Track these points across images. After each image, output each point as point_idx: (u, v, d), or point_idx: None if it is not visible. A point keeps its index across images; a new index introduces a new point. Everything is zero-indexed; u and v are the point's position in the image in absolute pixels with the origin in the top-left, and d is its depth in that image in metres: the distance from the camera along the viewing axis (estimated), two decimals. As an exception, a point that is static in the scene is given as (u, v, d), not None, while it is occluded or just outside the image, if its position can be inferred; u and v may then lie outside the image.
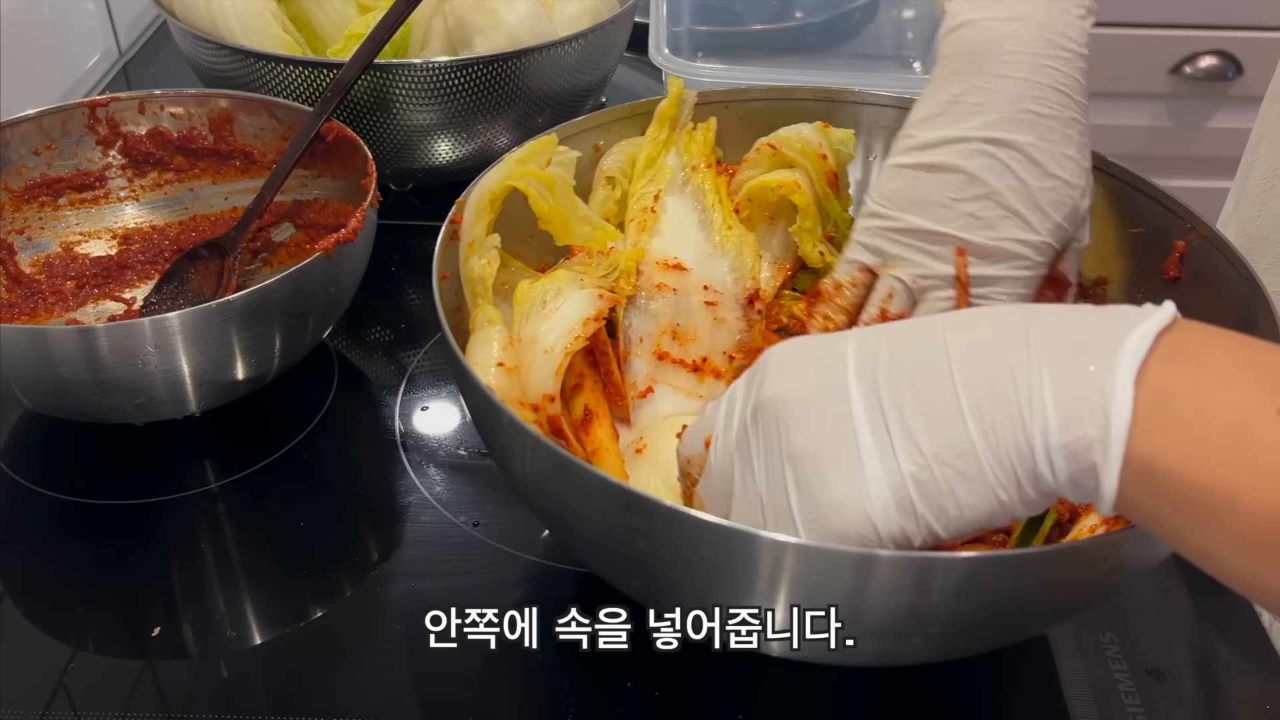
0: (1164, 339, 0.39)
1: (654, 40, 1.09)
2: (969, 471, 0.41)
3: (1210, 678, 0.63)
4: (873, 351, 0.44)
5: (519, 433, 0.52)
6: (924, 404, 0.42)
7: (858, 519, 0.43)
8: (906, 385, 0.42)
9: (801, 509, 0.44)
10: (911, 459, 0.42)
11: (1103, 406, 0.38)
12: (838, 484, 0.43)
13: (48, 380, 0.66)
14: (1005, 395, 0.40)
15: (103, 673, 0.61)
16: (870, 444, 0.42)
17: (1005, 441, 0.40)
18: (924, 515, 0.42)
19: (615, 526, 0.51)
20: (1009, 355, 0.40)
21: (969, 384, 0.41)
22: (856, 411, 0.43)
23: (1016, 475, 0.40)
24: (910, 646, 0.51)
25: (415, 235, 0.98)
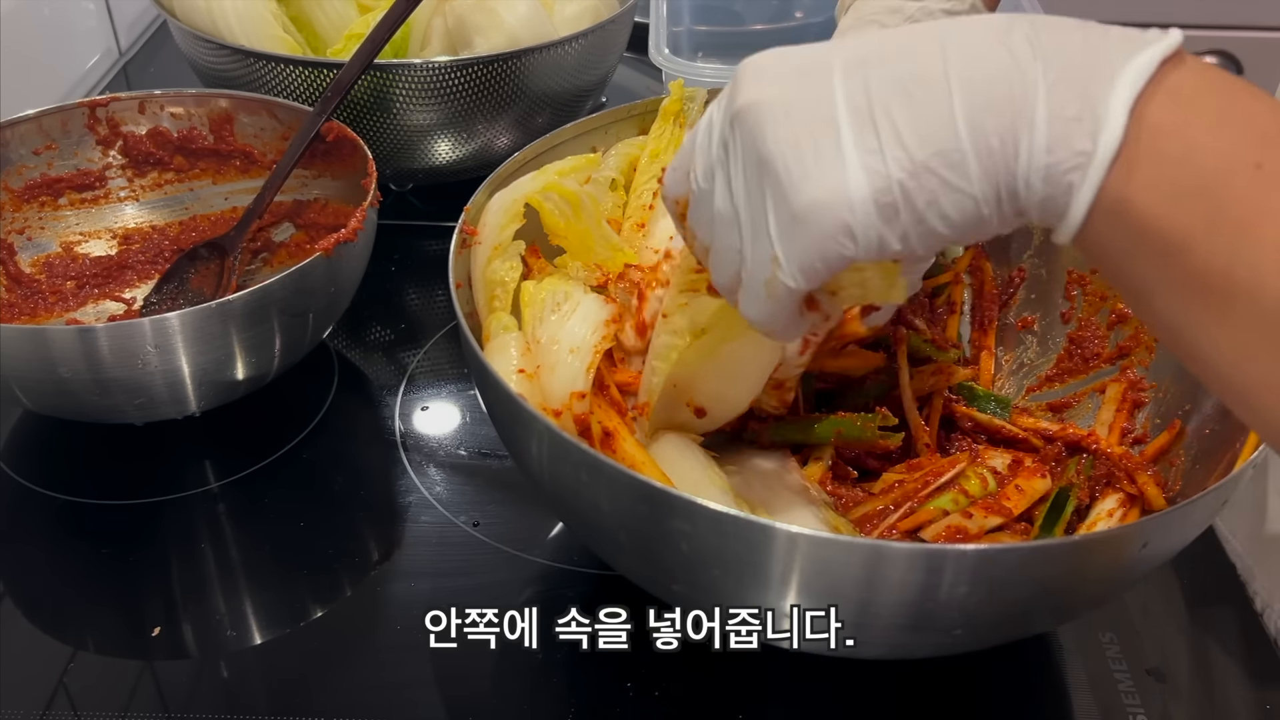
0: (1165, 70, 0.38)
1: (654, 40, 1.09)
2: (956, 183, 0.39)
3: (1210, 678, 0.63)
4: (862, 59, 0.41)
5: (541, 429, 0.52)
6: (917, 109, 0.39)
7: (835, 223, 0.40)
8: (899, 89, 0.40)
9: (777, 214, 0.42)
10: (899, 164, 0.39)
11: (1093, 132, 0.37)
12: (817, 184, 0.40)
13: (48, 380, 0.66)
14: (1001, 108, 0.38)
15: (103, 673, 0.61)
16: (853, 143, 0.40)
17: (995, 155, 0.39)
18: (905, 224, 0.40)
19: (646, 524, 0.51)
20: (1010, 67, 0.39)
21: (967, 94, 0.39)
22: (840, 111, 0.40)
23: (999, 190, 0.39)
24: (922, 638, 0.51)
25: (415, 235, 0.98)
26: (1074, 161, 0.38)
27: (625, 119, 0.75)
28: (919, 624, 0.49)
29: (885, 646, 0.53)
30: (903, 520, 0.59)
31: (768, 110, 0.42)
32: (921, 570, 0.46)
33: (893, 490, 0.61)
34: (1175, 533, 0.51)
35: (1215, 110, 0.37)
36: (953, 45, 0.40)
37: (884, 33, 0.43)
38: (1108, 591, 0.57)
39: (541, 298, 0.63)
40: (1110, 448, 0.63)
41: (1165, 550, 0.53)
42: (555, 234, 0.67)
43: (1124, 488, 0.61)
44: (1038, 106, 0.38)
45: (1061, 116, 0.37)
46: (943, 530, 0.58)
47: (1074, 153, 0.37)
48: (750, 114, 0.42)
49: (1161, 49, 0.38)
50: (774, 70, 0.43)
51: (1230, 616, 0.66)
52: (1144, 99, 0.37)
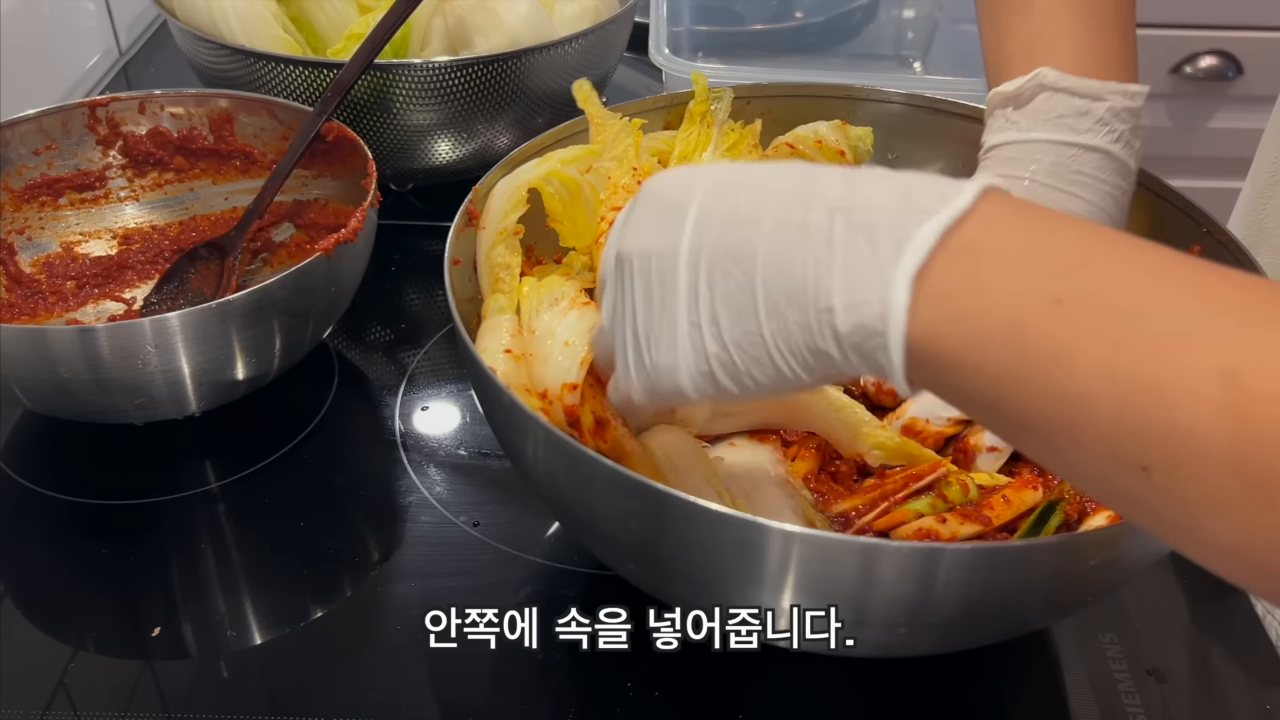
0: (957, 230, 0.39)
1: (654, 40, 1.09)
2: (762, 359, 0.43)
3: (1210, 678, 0.63)
4: (708, 215, 0.45)
5: (528, 419, 0.52)
6: (730, 291, 0.44)
7: (672, 385, 0.47)
8: (722, 267, 0.44)
9: (636, 368, 0.48)
10: (714, 340, 0.44)
11: (881, 313, 0.39)
12: (659, 354, 0.47)
13: (48, 380, 0.66)
14: (799, 296, 0.41)
15: (103, 673, 0.61)
16: (684, 320, 0.45)
17: (796, 338, 0.42)
18: (725, 384, 0.45)
19: (619, 513, 0.52)
20: (810, 253, 0.41)
21: (769, 280, 0.42)
22: (681, 284, 0.45)
23: (807, 361, 0.42)
24: (911, 637, 0.51)
25: (415, 235, 0.98)
26: (873, 341, 0.40)
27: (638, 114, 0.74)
28: (913, 622, 0.50)
29: (879, 645, 0.53)
30: (877, 519, 0.59)
31: (639, 264, 0.47)
32: (914, 568, 0.47)
33: (872, 490, 0.62)
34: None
35: (1010, 254, 0.38)
36: (772, 218, 0.43)
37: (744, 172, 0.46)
38: (1103, 588, 0.57)
39: (541, 293, 0.64)
40: None
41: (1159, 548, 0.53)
42: (554, 218, 0.68)
43: None
44: (833, 293, 0.40)
45: (852, 299, 0.40)
46: (911, 533, 0.58)
47: (869, 333, 0.40)
48: (627, 262, 0.48)
49: (951, 213, 0.39)
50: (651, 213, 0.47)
51: (1230, 616, 0.66)
52: (935, 262, 0.38)
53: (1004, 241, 0.38)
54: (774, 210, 0.43)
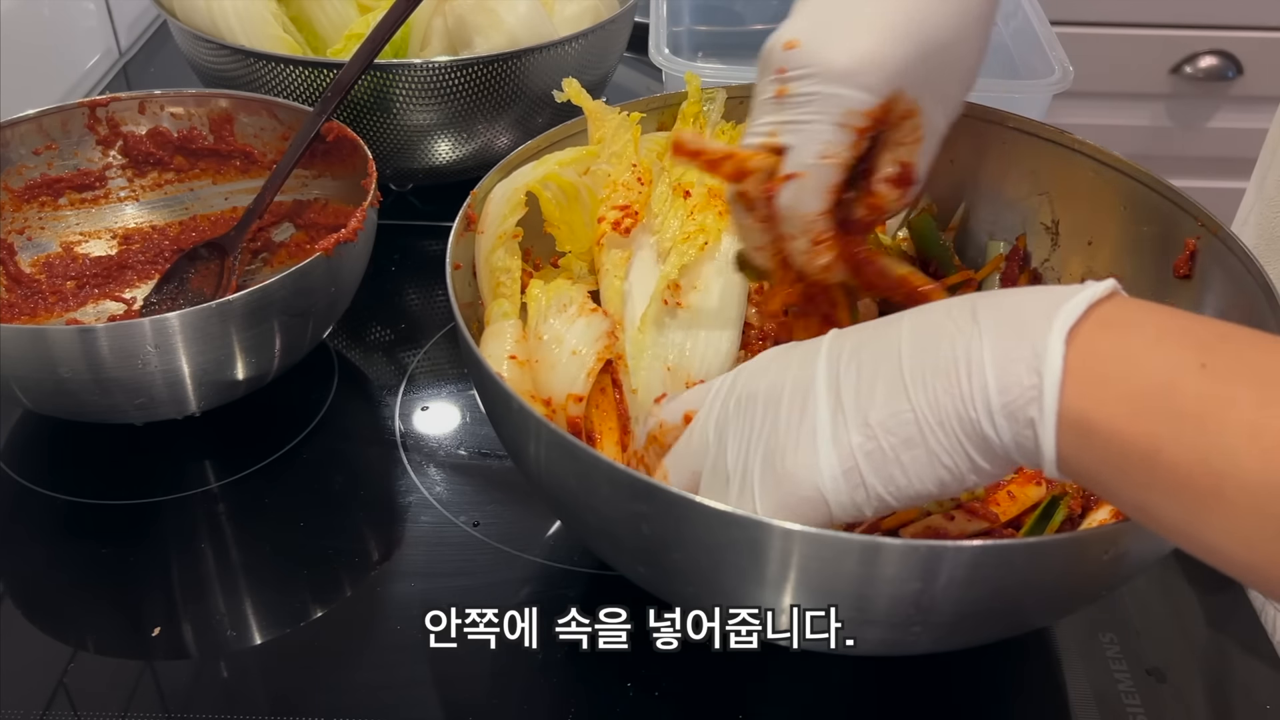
0: (1098, 308, 0.41)
1: (654, 40, 1.09)
2: (912, 438, 0.43)
3: (1210, 678, 0.63)
4: (841, 343, 0.47)
5: (531, 421, 0.52)
6: (874, 381, 0.45)
7: (809, 490, 0.45)
8: (862, 367, 0.45)
9: (762, 482, 0.47)
10: (859, 430, 0.44)
11: (1036, 366, 0.40)
12: (795, 459, 0.46)
13: (48, 380, 0.66)
14: (947, 366, 0.42)
15: (103, 673, 0.61)
16: (826, 422, 0.45)
17: (945, 407, 0.42)
18: (872, 485, 0.45)
19: (622, 513, 0.51)
20: (954, 332, 0.43)
21: (914, 359, 0.44)
22: (819, 395, 0.46)
23: (960, 440, 0.43)
24: (913, 635, 0.51)
25: (415, 235, 0.98)
26: (1027, 395, 0.40)
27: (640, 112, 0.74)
28: (918, 619, 0.49)
29: (882, 643, 0.53)
30: (885, 519, 0.59)
31: (770, 396, 0.48)
32: (917, 566, 0.46)
33: None
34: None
35: (1152, 329, 0.41)
36: (908, 322, 0.45)
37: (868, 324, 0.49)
38: (1104, 586, 0.57)
39: (549, 297, 0.64)
40: None
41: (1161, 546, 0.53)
42: (550, 222, 0.68)
43: None
44: (984, 356, 0.42)
45: (1005, 359, 0.41)
46: (920, 530, 0.58)
47: (1024, 388, 0.40)
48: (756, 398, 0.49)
49: (1093, 292, 0.41)
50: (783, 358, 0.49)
51: (1230, 616, 0.66)
52: (1080, 330, 0.41)
53: (1145, 318, 0.41)
54: (911, 322, 0.45)
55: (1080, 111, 1.78)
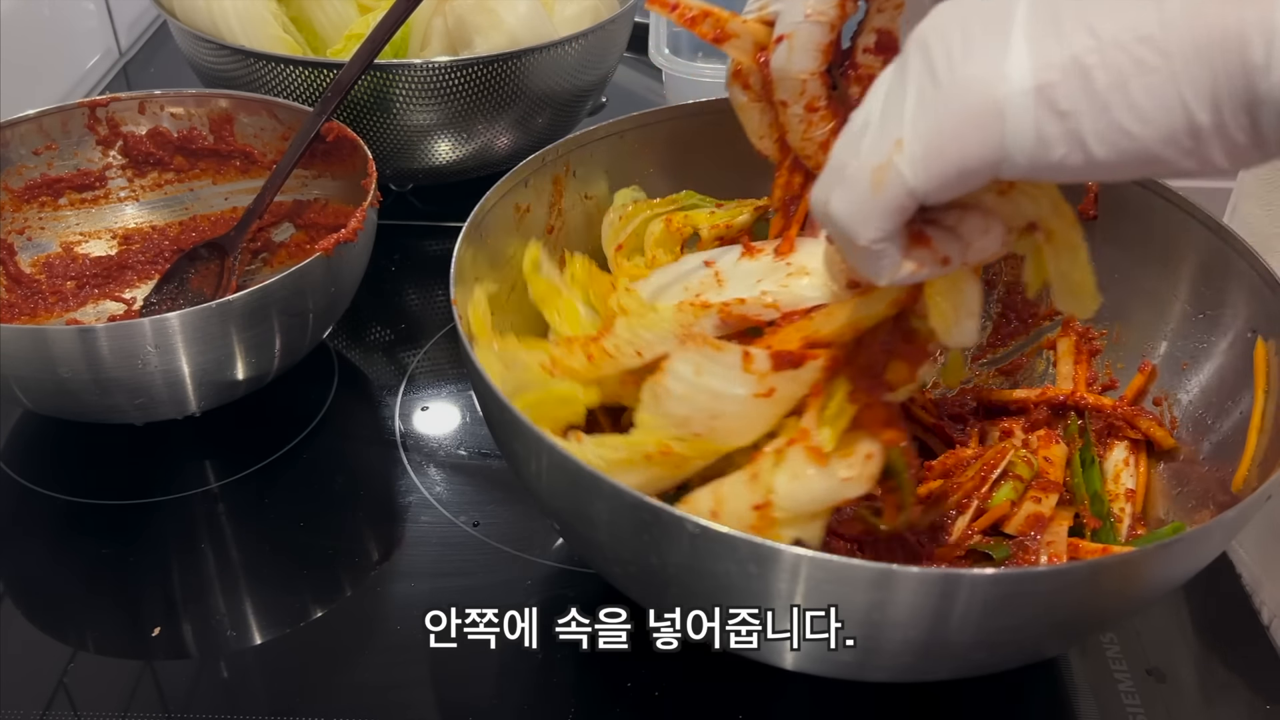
0: None
1: (654, 40, 1.09)
2: (1154, 63, 0.31)
3: (1210, 678, 0.63)
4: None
5: (530, 433, 0.51)
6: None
7: (982, 101, 0.33)
8: None
9: (919, 89, 0.35)
10: (1078, 40, 0.32)
11: None
12: (966, 64, 0.33)
13: (48, 380, 0.66)
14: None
15: (103, 673, 0.61)
16: (1025, 28, 0.33)
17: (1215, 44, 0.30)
18: (1075, 117, 0.32)
19: (622, 530, 0.51)
20: None
21: None
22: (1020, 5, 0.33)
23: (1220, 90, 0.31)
24: (931, 665, 0.51)
25: (415, 235, 0.98)
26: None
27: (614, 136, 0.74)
28: (931, 649, 0.48)
29: (895, 670, 0.53)
30: (977, 521, 0.59)
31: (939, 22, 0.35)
32: (935, 595, 0.45)
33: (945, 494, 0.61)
34: (1193, 554, 0.51)
35: None
36: None
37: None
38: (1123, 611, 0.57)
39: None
40: (1097, 401, 0.64)
41: (1184, 570, 0.52)
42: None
43: (1127, 434, 0.62)
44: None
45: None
46: (1024, 522, 0.58)
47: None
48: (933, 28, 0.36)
49: None
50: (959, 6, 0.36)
51: (1230, 616, 0.66)
52: None
53: None
54: None
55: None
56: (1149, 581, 0.50)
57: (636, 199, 0.76)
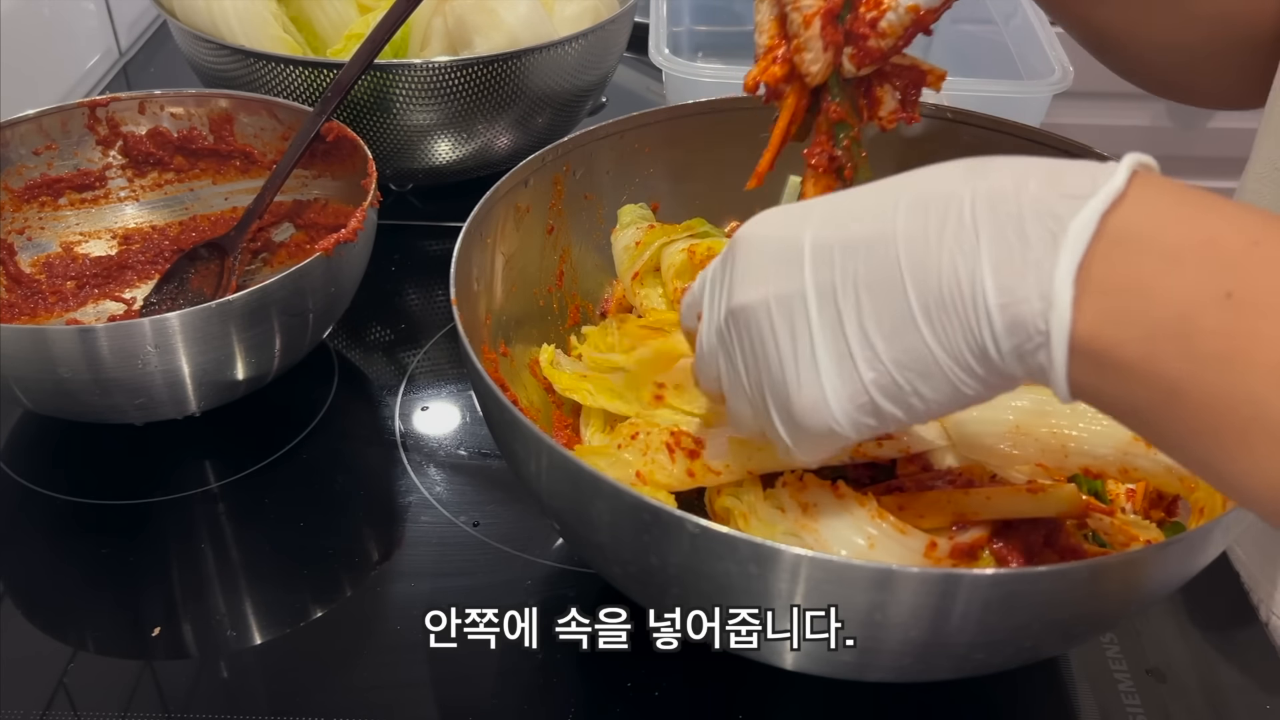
0: (1113, 215, 0.36)
1: (654, 40, 1.09)
2: (929, 371, 0.41)
3: (1210, 678, 0.63)
4: (828, 248, 0.42)
5: (530, 435, 0.51)
6: (878, 310, 0.41)
7: (823, 429, 0.44)
8: (860, 289, 0.41)
9: (778, 413, 0.45)
10: (871, 366, 0.42)
11: (1043, 311, 0.37)
12: (801, 399, 0.44)
13: (48, 380, 0.66)
14: (952, 298, 0.39)
15: (103, 673, 0.61)
16: (827, 355, 0.42)
17: (958, 343, 0.39)
18: (889, 411, 0.42)
19: (623, 532, 0.51)
20: (954, 249, 0.39)
21: (918, 285, 0.40)
22: (813, 320, 0.43)
23: (973, 369, 0.40)
24: (931, 665, 0.50)
25: (415, 235, 0.98)
26: (1035, 341, 0.38)
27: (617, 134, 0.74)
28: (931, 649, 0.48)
29: (895, 670, 0.52)
30: None
31: (756, 316, 0.45)
32: (935, 595, 0.45)
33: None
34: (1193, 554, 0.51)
35: (1173, 241, 0.36)
36: (902, 220, 0.40)
37: (848, 199, 0.44)
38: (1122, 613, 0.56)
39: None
40: None
41: (1184, 570, 0.52)
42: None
43: None
44: (988, 291, 0.38)
45: (1012, 301, 0.38)
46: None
47: (1031, 333, 0.37)
48: (743, 316, 0.45)
49: (1105, 197, 0.36)
50: (759, 261, 0.45)
51: (1230, 616, 0.66)
52: (1094, 255, 0.36)
53: (1164, 227, 0.36)
54: (904, 222, 0.40)
55: (1080, 111, 1.77)
56: (1149, 582, 0.50)
57: (643, 215, 0.77)
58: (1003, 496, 0.55)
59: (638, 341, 0.66)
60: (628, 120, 0.75)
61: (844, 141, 0.59)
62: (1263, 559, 0.69)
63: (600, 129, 0.74)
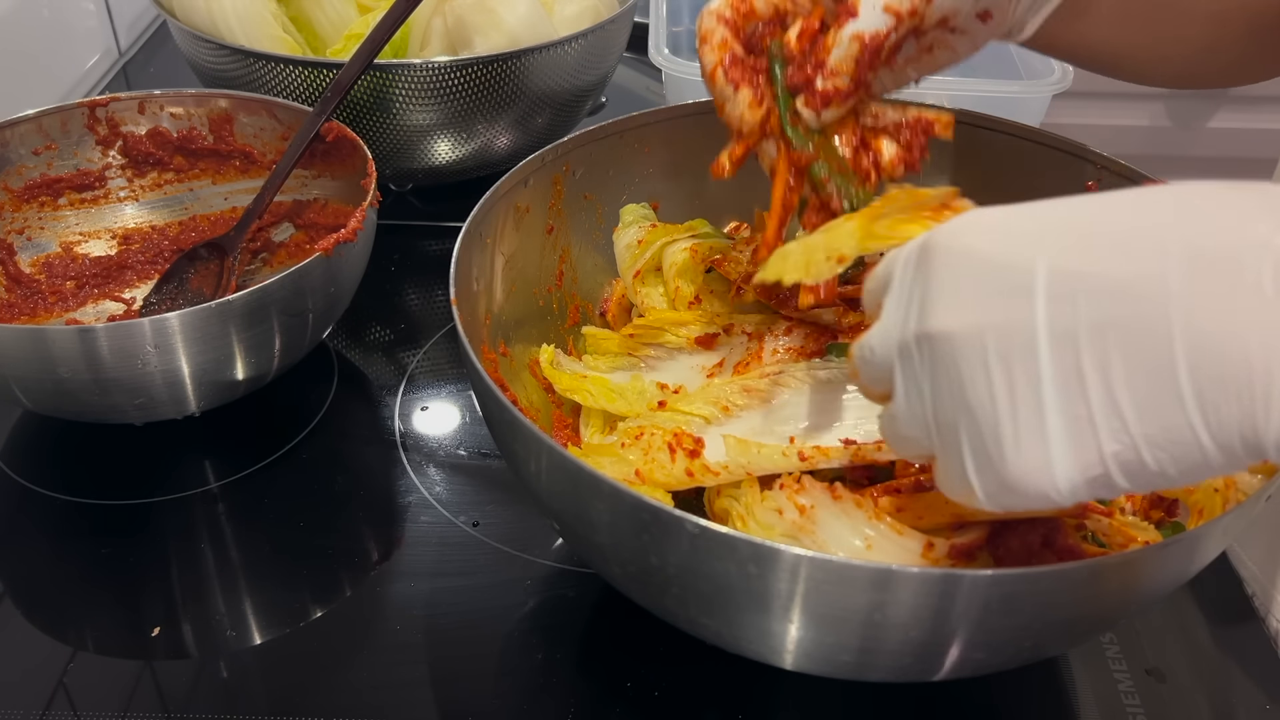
0: None
1: (654, 40, 1.09)
2: (1185, 456, 0.35)
3: (1210, 678, 0.63)
4: (1070, 280, 0.36)
5: (529, 435, 0.52)
6: (1133, 375, 0.35)
7: (1039, 491, 0.38)
8: (1113, 344, 0.35)
9: (978, 465, 0.39)
10: (1116, 438, 0.35)
11: None
12: (1019, 459, 0.37)
13: (48, 380, 0.66)
14: (1236, 379, 0.33)
15: (103, 673, 0.61)
16: (1059, 416, 0.36)
17: (1229, 428, 0.34)
18: (1121, 486, 0.37)
19: (626, 537, 0.51)
20: (1247, 321, 0.33)
21: (1194, 357, 0.34)
22: (1044, 371, 0.36)
23: (1239, 456, 0.35)
24: (931, 664, 0.50)
25: (415, 235, 0.98)
26: None
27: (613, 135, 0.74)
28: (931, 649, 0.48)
29: (895, 670, 0.52)
30: None
31: (961, 350, 0.38)
32: (935, 595, 0.45)
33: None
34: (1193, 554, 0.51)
35: None
36: (1176, 278, 0.34)
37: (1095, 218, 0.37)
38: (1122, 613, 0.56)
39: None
40: None
41: (1184, 570, 0.52)
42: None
43: None
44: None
45: None
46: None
47: None
48: (942, 346, 0.38)
49: None
50: (972, 283, 0.38)
51: (1230, 616, 0.66)
52: None
53: None
54: (1178, 276, 0.34)
55: (1080, 111, 1.78)
56: (1149, 582, 0.50)
57: (645, 215, 0.77)
58: None
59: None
60: (628, 120, 0.75)
61: (821, 176, 0.58)
62: (1263, 559, 0.69)
63: (600, 129, 0.74)
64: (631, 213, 0.76)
